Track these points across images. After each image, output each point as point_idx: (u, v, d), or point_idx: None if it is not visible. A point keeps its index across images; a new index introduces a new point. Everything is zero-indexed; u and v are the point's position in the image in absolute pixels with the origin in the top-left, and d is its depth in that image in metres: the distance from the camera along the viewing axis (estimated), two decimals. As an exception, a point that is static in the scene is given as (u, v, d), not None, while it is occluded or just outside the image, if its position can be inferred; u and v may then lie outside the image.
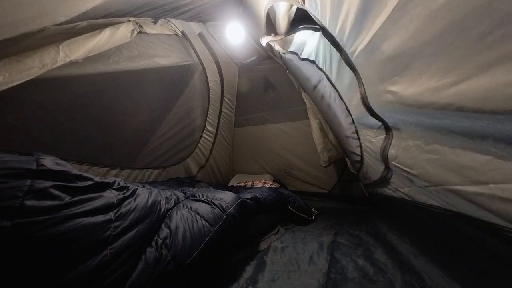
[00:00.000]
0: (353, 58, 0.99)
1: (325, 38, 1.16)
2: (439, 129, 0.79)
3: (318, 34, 1.23)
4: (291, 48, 1.67)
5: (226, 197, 1.39)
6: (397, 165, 1.16)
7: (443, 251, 1.14)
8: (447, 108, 0.65)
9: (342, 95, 1.40)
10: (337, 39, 1.03)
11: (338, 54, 1.09)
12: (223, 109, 3.15)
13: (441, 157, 0.84)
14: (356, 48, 0.93)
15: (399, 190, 1.34)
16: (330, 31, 1.06)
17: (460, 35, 0.54)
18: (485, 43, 0.50)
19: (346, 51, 1.02)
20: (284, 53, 1.78)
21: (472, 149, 0.70)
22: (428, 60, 0.65)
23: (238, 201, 1.40)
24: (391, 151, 1.16)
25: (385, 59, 0.81)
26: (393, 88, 0.84)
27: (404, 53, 0.71)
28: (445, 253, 1.12)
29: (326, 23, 1.06)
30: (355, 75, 1.06)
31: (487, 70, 0.51)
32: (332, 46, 1.12)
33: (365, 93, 1.05)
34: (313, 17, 1.12)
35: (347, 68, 1.09)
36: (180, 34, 2.34)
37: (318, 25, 1.15)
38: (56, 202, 0.71)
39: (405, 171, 1.12)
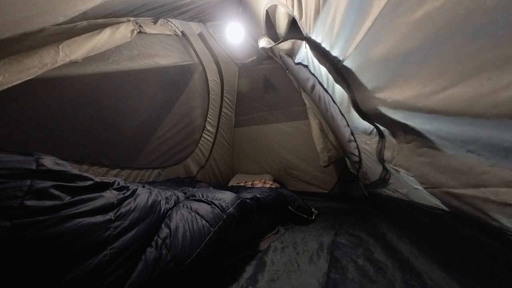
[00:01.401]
0: (340, 65, 0.99)
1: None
2: (428, 133, 0.79)
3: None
4: (286, 53, 1.68)
5: (226, 197, 1.39)
6: (394, 167, 1.16)
7: (443, 251, 1.14)
8: (434, 114, 0.65)
9: (334, 99, 1.40)
10: (323, 46, 1.04)
11: (325, 61, 1.10)
12: (223, 109, 3.15)
13: (433, 160, 0.85)
14: (343, 54, 0.94)
15: (398, 191, 1.34)
16: (315, 38, 1.06)
17: (443, 43, 0.54)
18: (468, 51, 0.50)
19: (332, 58, 1.02)
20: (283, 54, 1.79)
21: (461, 153, 0.71)
22: (414, 67, 0.65)
23: (238, 201, 1.40)
24: (387, 153, 1.16)
25: (372, 65, 0.82)
26: (382, 94, 0.85)
27: (391, 59, 0.72)
28: (445, 253, 1.12)
29: (311, 31, 1.06)
30: (343, 81, 1.07)
31: (470, 78, 0.52)
32: (318, 54, 1.13)
33: (355, 98, 1.06)
34: (299, 25, 1.12)
35: (335, 74, 1.09)
36: (180, 34, 2.34)
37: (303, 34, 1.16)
38: (56, 202, 0.70)
39: (401, 172, 1.12)
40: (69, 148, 1.79)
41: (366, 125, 1.18)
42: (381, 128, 1.08)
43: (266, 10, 1.63)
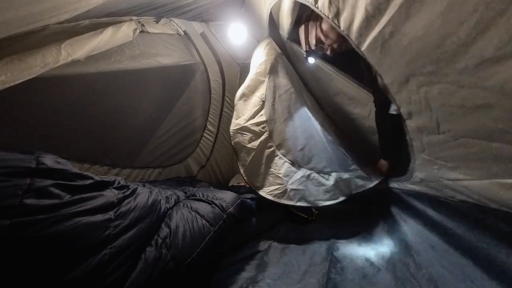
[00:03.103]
0: (363, 49, 0.92)
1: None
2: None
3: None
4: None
5: (226, 197, 1.39)
6: (427, 157, 1.10)
7: (444, 252, 1.13)
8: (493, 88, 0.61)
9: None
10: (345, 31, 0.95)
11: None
12: (224, 109, 3.13)
13: (478, 150, 0.80)
14: (365, 37, 0.87)
15: (423, 183, 1.28)
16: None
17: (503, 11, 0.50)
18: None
19: (355, 42, 0.94)
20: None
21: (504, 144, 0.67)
22: (472, 33, 0.59)
23: (238, 201, 1.40)
24: (416, 144, 1.10)
25: (407, 45, 0.75)
26: (423, 71, 0.78)
27: (431, 35, 0.66)
28: (447, 254, 1.12)
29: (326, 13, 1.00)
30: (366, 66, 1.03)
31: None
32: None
33: (384, 84, 0.99)
34: (315, 9, 1.07)
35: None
36: (182, 33, 2.34)
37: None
38: (56, 201, 0.70)
39: (437, 163, 1.05)
40: (70, 147, 1.80)
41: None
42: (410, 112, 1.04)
43: (270, 11, 1.63)
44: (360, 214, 2.03)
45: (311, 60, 1.59)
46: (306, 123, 1.80)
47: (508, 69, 0.57)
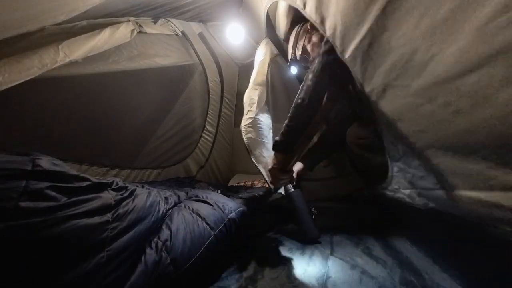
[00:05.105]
0: (346, 57, 0.93)
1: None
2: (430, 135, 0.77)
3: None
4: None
5: (229, 202, 1.39)
6: (402, 166, 1.13)
7: (444, 252, 1.13)
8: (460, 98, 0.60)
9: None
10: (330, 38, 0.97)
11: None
12: (223, 109, 3.13)
13: (439, 162, 0.83)
14: (348, 45, 0.88)
15: (400, 191, 1.32)
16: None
17: (468, 17, 0.49)
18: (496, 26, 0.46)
19: (339, 50, 0.96)
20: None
21: (463, 157, 0.69)
22: (434, 48, 0.59)
23: (241, 208, 1.40)
24: (393, 153, 1.14)
25: (385, 53, 0.76)
26: (396, 83, 0.80)
27: (406, 43, 0.67)
28: (446, 254, 1.11)
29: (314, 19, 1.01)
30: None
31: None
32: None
33: (365, 92, 1.02)
34: (304, 13, 1.08)
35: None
36: (180, 34, 2.34)
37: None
38: (52, 203, 0.69)
39: (410, 172, 1.09)
40: (68, 148, 1.79)
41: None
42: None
43: (267, 11, 1.62)
44: (360, 214, 2.03)
45: (293, 70, 1.59)
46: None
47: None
